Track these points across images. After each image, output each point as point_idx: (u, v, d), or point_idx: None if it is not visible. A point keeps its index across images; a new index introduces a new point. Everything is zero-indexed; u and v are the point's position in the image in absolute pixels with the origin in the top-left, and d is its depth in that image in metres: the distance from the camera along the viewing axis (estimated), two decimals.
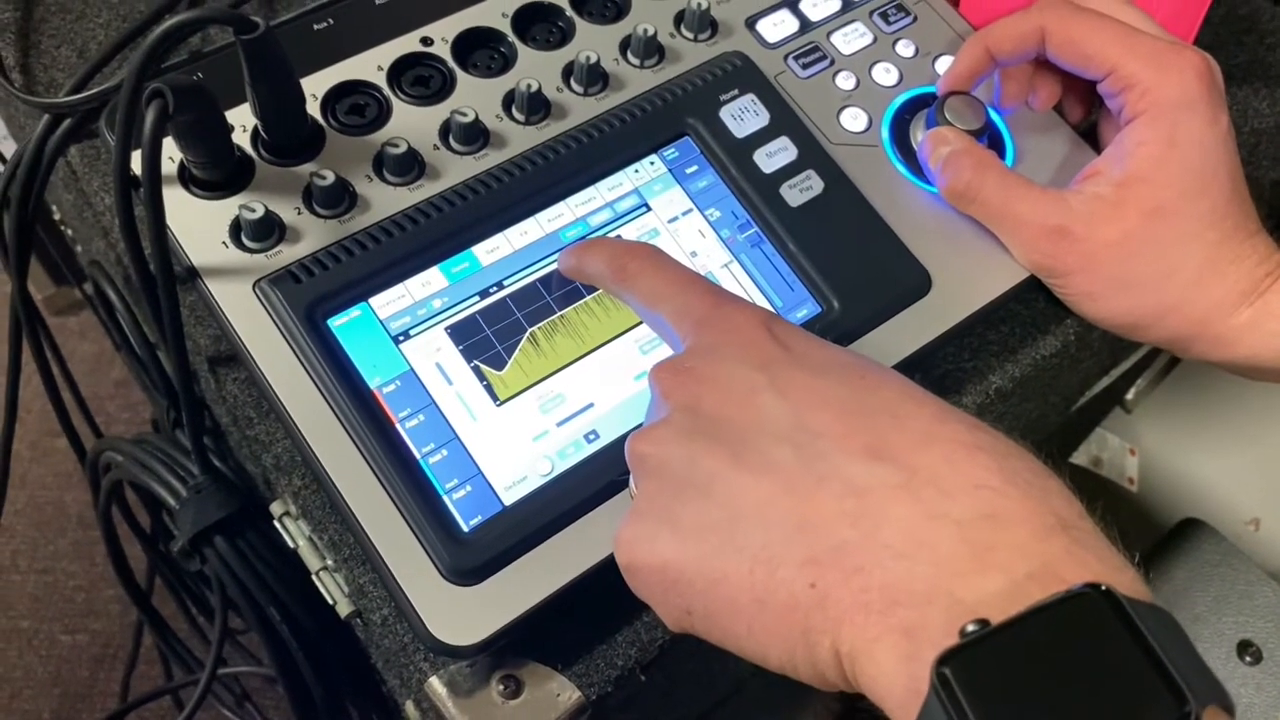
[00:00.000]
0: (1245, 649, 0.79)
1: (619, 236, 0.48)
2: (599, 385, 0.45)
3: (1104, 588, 0.28)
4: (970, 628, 0.28)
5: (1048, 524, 0.31)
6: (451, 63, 0.51)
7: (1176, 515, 0.89)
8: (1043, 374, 0.53)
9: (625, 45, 0.52)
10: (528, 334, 0.45)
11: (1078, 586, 0.28)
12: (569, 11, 0.53)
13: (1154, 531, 0.89)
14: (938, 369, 0.51)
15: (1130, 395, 1.04)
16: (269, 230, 0.45)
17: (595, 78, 0.51)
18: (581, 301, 0.46)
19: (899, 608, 0.30)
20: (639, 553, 0.35)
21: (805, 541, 0.32)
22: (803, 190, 0.50)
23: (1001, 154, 0.53)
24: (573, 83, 0.51)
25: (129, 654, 1.09)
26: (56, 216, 0.83)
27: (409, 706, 0.45)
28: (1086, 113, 0.55)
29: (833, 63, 0.54)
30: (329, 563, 0.47)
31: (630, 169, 0.49)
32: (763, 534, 0.33)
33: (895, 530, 0.31)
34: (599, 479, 0.43)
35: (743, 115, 0.51)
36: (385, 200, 0.47)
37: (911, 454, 0.33)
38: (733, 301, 0.39)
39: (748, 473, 0.34)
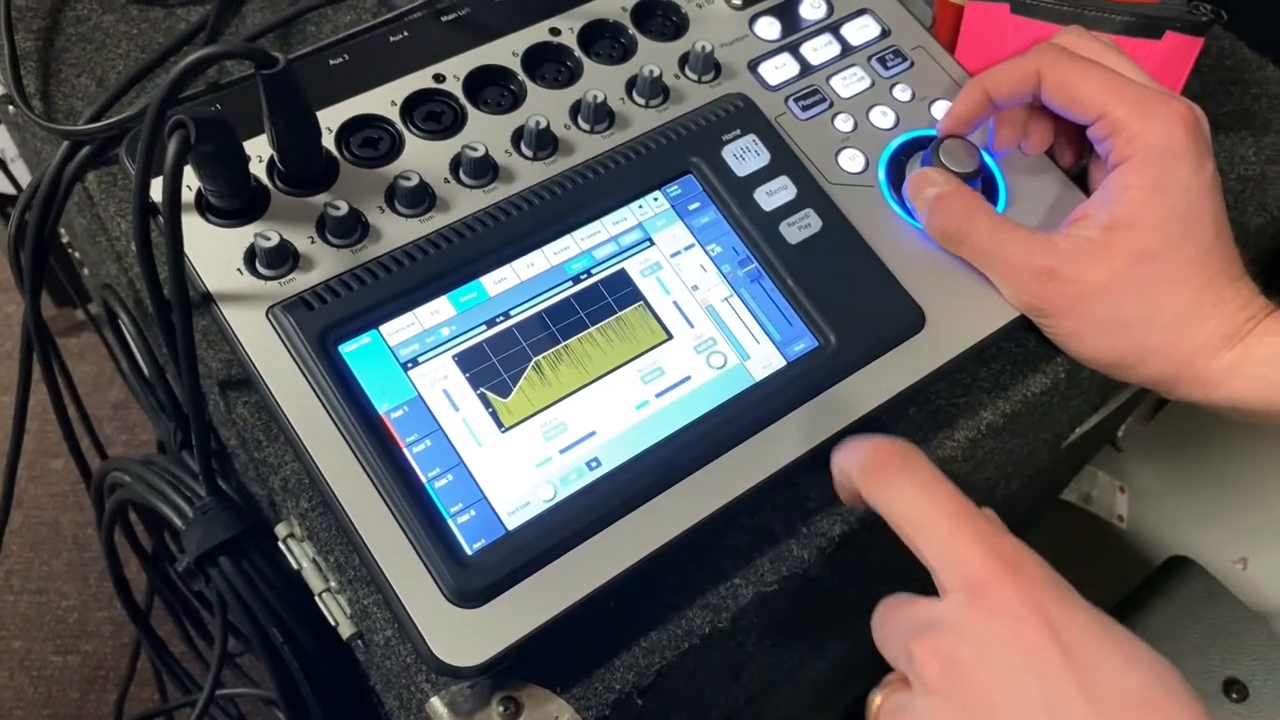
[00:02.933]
0: (1232, 687, 0.80)
1: (622, 270, 0.49)
2: (601, 414, 0.46)
3: None
4: None
5: None
6: (463, 99, 0.52)
7: (1165, 553, 0.90)
8: (1033, 410, 0.54)
9: (631, 85, 0.54)
10: (533, 363, 0.46)
11: None
12: (577, 52, 0.55)
13: (1143, 569, 0.90)
14: (930, 404, 0.53)
15: (1120, 433, 1.06)
16: (283, 258, 0.47)
17: (602, 116, 0.53)
18: (586, 332, 0.47)
19: None
20: None
21: None
22: (801, 228, 0.51)
23: (995, 196, 0.54)
24: (580, 121, 0.53)
25: (121, 676, 1.10)
26: (64, 239, 0.84)
27: None
28: (1078, 157, 0.56)
29: (832, 105, 0.56)
30: (333, 584, 0.48)
31: (634, 205, 0.51)
32: None
33: None
34: (600, 505, 0.44)
35: (744, 155, 0.52)
36: (396, 231, 0.48)
37: None
38: (1014, 572, 0.36)
39: None
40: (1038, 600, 0.35)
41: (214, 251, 0.47)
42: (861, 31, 0.58)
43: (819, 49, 0.57)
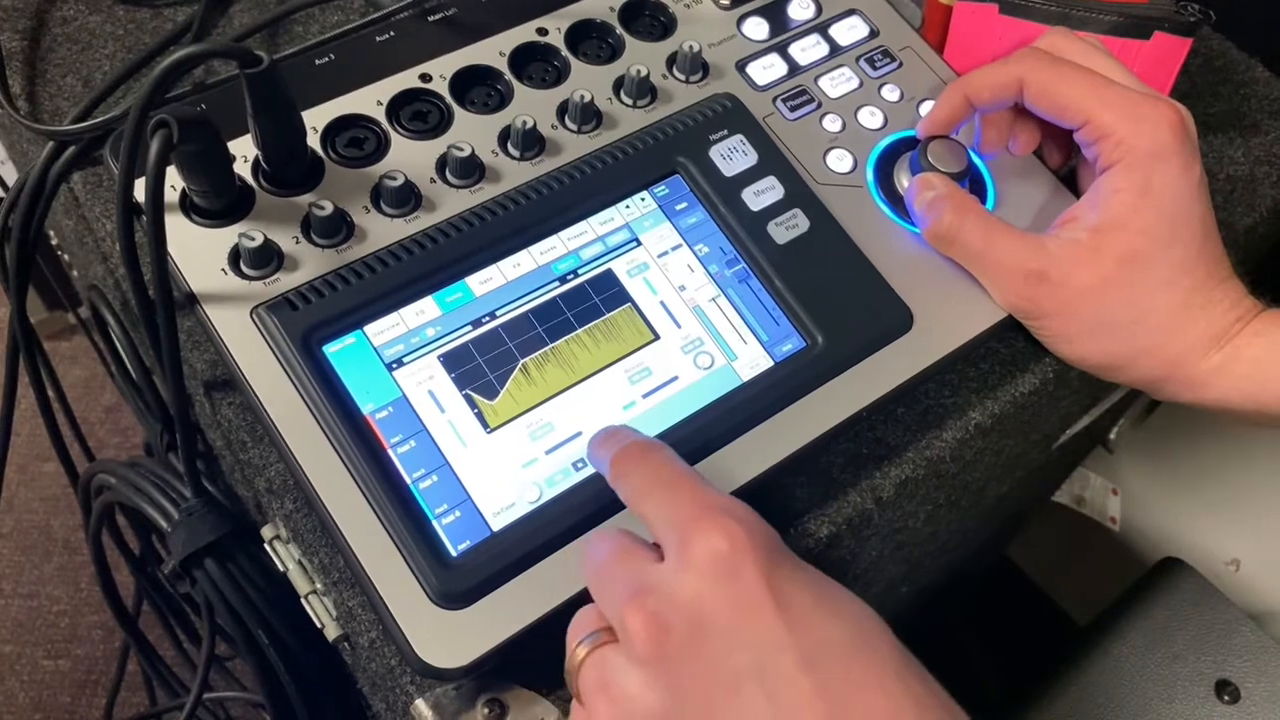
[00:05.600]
0: (1224, 688, 0.80)
1: (609, 271, 0.49)
2: (587, 414, 0.46)
3: None
4: None
5: None
6: (449, 99, 0.52)
7: (1158, 554, 0.90)
8: (1022, 411, 0.54)
9: (619, 85, 0.54)
10: (520, 364, 0.46)
11: None
12: (565, 52, 0.55)
13: (1135, 570, 0.90)
14: (919, 405, 0.52)
15: (1113, 435, 1.06)
16: (267, 258, 0.46)
17: (589, 116, 0.52)
18: (573, 333, 0.47)
19: None
20: None
21: None
22: (789, 228, 0.51)
23: (983, 197, 0.54)
24: (567, 120, 0.53)
25: (111, 680, 1.09)
26: (54, 242, 0.84)
27: None
28: (1066, 158, 0.56)
29: (820, 105, 0.56)
30: (318, 586, 0.48)
31: (621, 205, 0.51)
32: None
33: None
34: (586, 506, 0.44)
35: (732, 155, 0.52)
36: (382, 231, 0.48)
37: None
38: (726, 525, 0.35)
39: None
40: (751, 550, 0.35)
41: (198, 252, 0.47)
42: (850, 32, 0.58)
43: (807, 49, 0.57)
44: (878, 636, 0.35)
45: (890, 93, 0.57)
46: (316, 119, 0.50)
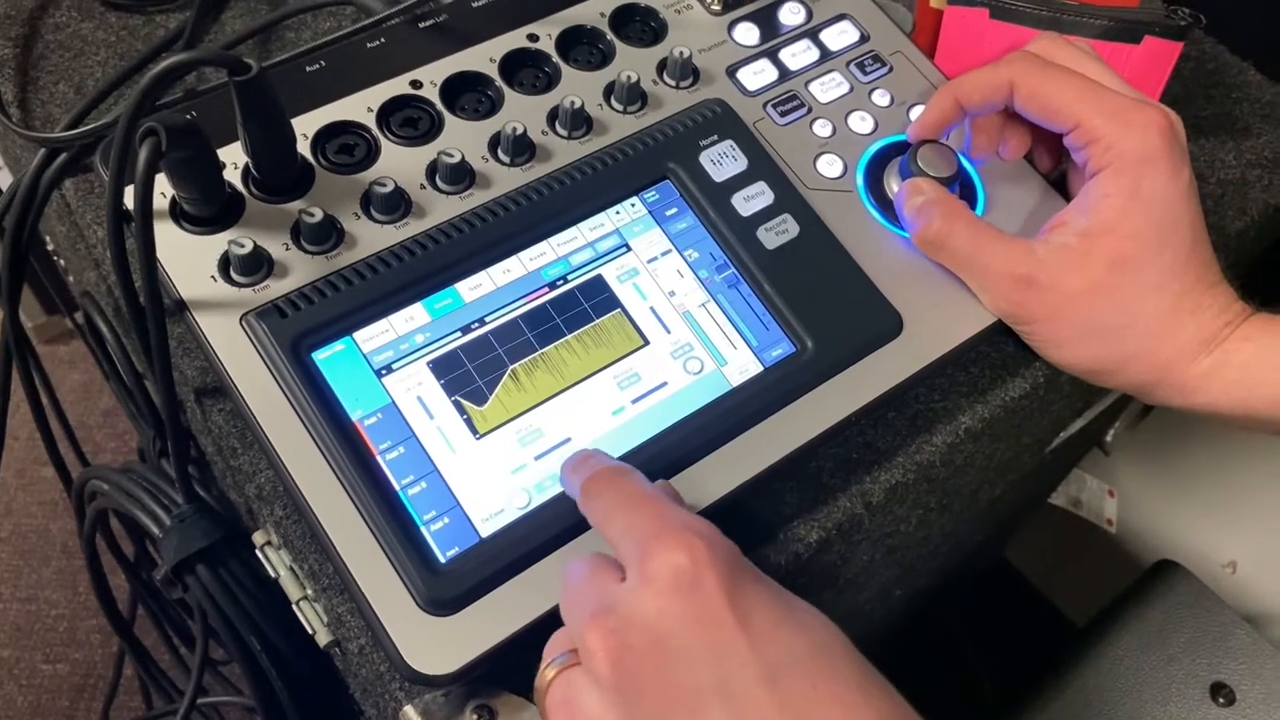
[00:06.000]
0: (1219, 691, 0.80)
1: (599, 276, 0.49)
2: (577, 420, 0.46)
3: None
4: None
5: None
6: (440, 105, 0.52)
7: (1155, 557, 0.90)
8: (1012, 415, 0.54)
9: (609, 91, 0.54)
10: (509, 370, 0.46)
11: None
12: (555, 58, 0.55)
13: (1131, 573, 0.90)
14: (909, 409, 0.53)
15: (1109, 437, 1.06)
16: (257, 265, 0.46)
17: (579, 122, 0.52)
18: (563, 339, 0.47)
19: None
20: None
21: None
22: (779, 233, 0.51)
23: (973, 201, 0.54)
24: (557, 126, 0.53)
25: (109, 684, 1.09)
26: (50, 247, 0.84)
27: None
28: (1056, 162, 0.56)
29: (810, 111, 0.56)
30: (309, 592, 0.48)
31: (611, 210, 0.51)
32: None
33: None
34: (574, 513, 0.43)
35: (722, 160, 0.52)
36: (371, 237, 0.48)
37: None
38: (687, 541, 0.35)
39: None
40: (712, 565, 0.35)
41: (188, 259, 0.47)
42: (840, 37, 0.58)
43: (798, 54, 0.57)
44: (840, 650, 0.35)
45: (881, 97, 0.57)
46: (307, 125, 0.50)
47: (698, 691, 0.33)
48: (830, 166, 0.54)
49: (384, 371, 0.45)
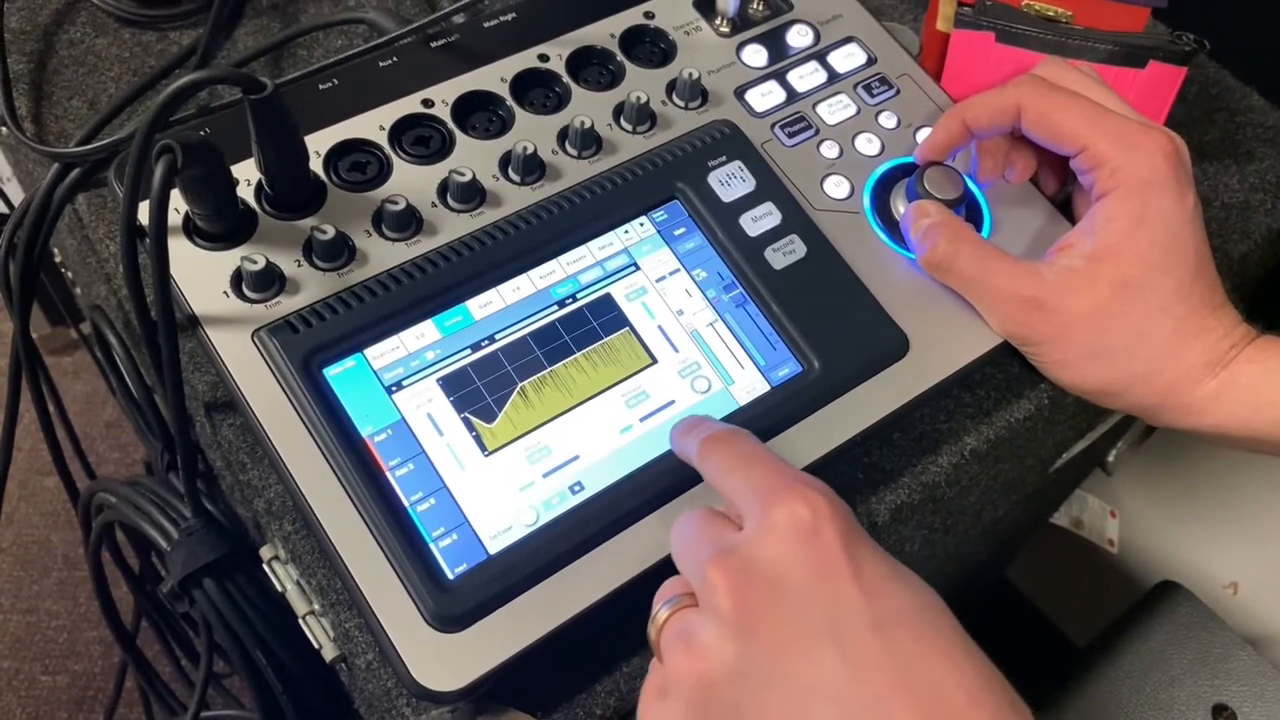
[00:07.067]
0: (1220, 713, 0.80)
1: (607, 295, 0.49)
2: (585, 438, 0.46)
3: None
4: None
5: None
6: (451, 124, 0.53)
7: (1156, 577, 0.90)
8: (1017, 436, 0.55)
9: (619, 112, 0.54)
10: (518, 388, 0.47)
11: None
12: (566, 78, 0.55)
13: (1133, 593, 0.90)
14: (915, 429, 0.53)
15: (1111, 458, 1.06)
16: (269, 281, 0.47)
17: (589, 142, 0.53)
18: (572, 357, 0.48)
19: None
20: None
21: None
22: (786, 254, 0.51)
23: (979, 224, 0.55)
24: (567, 146, 0.53)
25: (109, 697, 1.09)
26: (58, 259, 0.84)
27: None
28: (1061, 185, 0.57)
29: (817, 132, 0.56)
30: (316, 607, 0.48)
31: (620, 229, 0.51)
32: None
33: None
34: (583, 530, 0.44)
35: (730, 181, 0.53)
36: (383, 255, 0.49)
37: None
38: (805, 494, 0.37)
39: None
40: (831, 519, 0.37)
41: (201, 274, 0.47)
42: (848, 59, 0.59)
43: (805, 76, 0.58)
44: (941, 610, 0.37)
45: (887, 119, 0.57)
46: (320, 143, 0.51)
47: (811, 633, 0.35)
48: (837, 188, 0.55)
49: (394, 388, 0.45)
